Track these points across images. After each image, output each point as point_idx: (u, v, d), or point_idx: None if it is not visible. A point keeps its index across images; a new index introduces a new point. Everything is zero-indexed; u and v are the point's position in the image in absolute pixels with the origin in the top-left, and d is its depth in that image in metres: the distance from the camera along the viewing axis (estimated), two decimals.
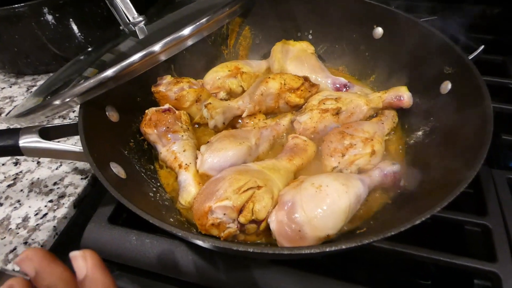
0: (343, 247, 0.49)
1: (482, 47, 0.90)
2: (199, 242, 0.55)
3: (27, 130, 0.77)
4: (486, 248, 0.78)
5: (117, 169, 0.73)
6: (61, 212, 0.89)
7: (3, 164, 1.00)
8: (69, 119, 1.14)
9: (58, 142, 0.75)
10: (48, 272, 0.43)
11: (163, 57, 0.81)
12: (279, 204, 0.71)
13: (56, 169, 1.01)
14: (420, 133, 0.91)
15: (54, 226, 0.87)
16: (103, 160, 0.72)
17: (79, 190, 0.95)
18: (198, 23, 0.84)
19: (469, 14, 1.35)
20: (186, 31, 0.82)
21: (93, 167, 0.64)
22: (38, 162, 1.01)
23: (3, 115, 1.17)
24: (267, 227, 0.71)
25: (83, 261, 0.45)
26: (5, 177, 0.97)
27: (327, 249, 0.49)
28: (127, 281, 0.82)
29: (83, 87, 0.75)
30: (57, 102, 0.75)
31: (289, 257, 0.64)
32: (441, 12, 1.22)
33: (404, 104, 0.94)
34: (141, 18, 0.95)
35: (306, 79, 0.99)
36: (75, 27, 1.23)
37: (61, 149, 0.73)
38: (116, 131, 0.85)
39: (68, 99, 0.76)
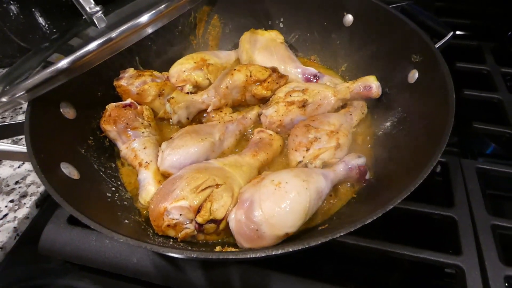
0: (290, 250, 0.47)
1: (451, 33, 0.87)
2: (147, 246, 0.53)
3: None
4: (452, 240, 0.77)
5: (68, 170, 0.70)
6: (23, 212, 0.86)
7: None
8: None
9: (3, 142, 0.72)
10: None
11: (120, 46, 0.77)
12: (238, 203, 0.69)
13: (18, 167, 0.97)
14: (388, 124, 0.89)
15: (15, 227, 0.84)
16: (52, 160, 0.68)
17: (41, 189, 0.92)
18: (156, 10, 0.80)
19: None
20: (144, 18, 0.79)
21: (36, 168, 0.60)
22: None
23: None
24: (228, 226, 0.69)
25: None
26: None
27: (273, 253, 0.47)
28: (89, 282, 0.80)
29: (32, 82, 0.70)
30: (4, 99, 0.71)
31: (236, 260, 0.62)
32: None
33: (372, 94, 0.91)
34: (97, 8, 0.90)
35: (274, 70, 0.96)
36: (39, 17, 1.17)
37: (7, 150, 0.69)
38: (72, 129, 0.81)
39: (17, 95, 0.71)
